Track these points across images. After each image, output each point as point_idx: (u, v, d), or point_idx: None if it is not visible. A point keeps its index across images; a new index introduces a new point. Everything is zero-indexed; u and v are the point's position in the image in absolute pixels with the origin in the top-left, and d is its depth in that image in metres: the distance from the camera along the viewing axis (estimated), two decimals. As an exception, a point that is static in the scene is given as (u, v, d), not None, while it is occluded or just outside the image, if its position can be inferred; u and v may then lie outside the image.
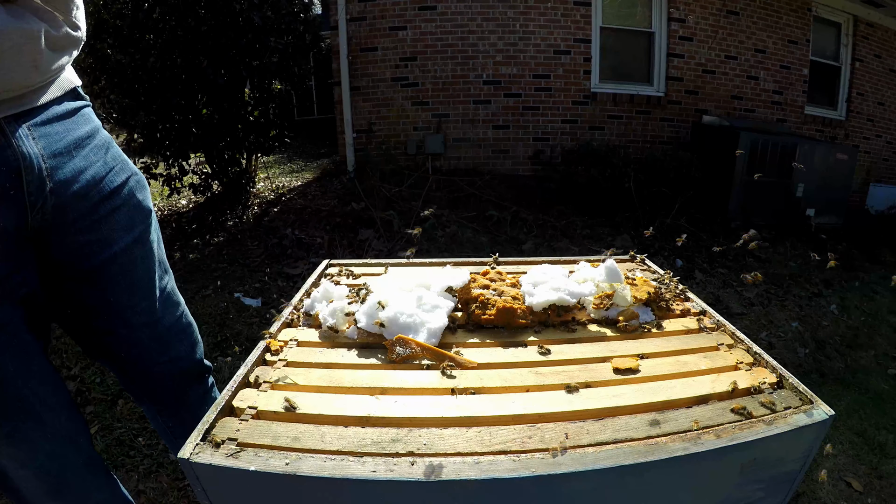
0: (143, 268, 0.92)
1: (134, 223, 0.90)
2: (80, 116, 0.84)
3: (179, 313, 1.01)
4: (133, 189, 0.90)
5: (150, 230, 0.94)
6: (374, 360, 0.82)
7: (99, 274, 0.86)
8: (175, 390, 1.02)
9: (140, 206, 0.91)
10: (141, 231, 0.91)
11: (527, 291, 0.96)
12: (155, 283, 0.94)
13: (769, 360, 0.81)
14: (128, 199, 0.89)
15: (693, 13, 5.08)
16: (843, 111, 6.03)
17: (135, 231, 0.90)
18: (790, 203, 4.75)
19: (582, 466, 0.60)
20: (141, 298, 0.92)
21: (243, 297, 2.83)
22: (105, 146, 0.87)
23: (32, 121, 0.74)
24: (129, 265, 0.89)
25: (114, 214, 0.86)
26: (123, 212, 0.88)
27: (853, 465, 1.83)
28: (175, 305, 1.00)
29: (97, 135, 0.86)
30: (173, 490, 1.55)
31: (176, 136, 3.82)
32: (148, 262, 0.93)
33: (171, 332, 0.98)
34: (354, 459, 0.61)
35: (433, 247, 3.56)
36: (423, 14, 4.78)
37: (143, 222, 0.92)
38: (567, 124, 5.10)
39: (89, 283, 0.85)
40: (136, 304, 0.91)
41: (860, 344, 2.82)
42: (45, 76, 0.75)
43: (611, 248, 1.22)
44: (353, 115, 5.00)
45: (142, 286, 0.92)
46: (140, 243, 0.91)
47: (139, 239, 0.91)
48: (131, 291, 0.90)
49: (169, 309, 0.98)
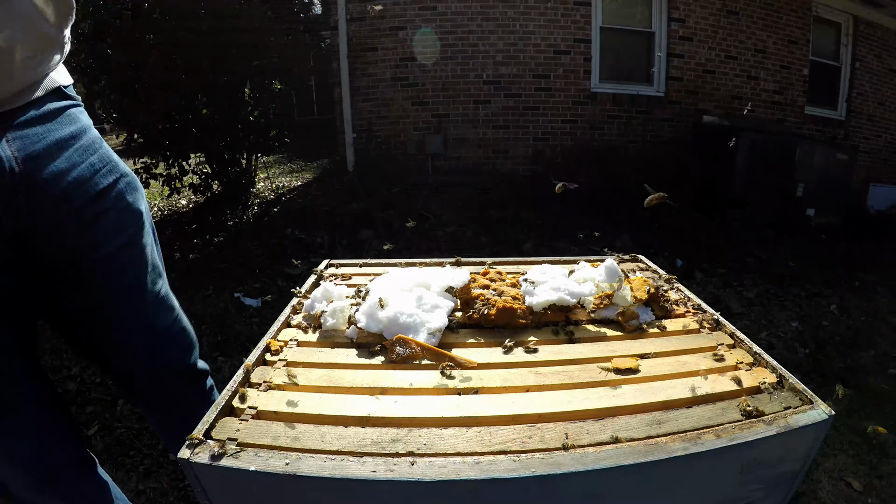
0: (133, 272, 0.89)
1: (124, 226, 0.87)
2: (65, 117, 0.81)
3: (173, 318, 0.98)
4: (122, 191, 0.87)
5: (143, 233, 0.91)
6: (374, 360, 0.81)
7: (85, 278, 0.83)
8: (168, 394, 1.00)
9: (130, 209, 0.88)
10: (132, 234, 0.88)
11: (527, 291, 0.96)
12: (146, 287, 0.92)
13: (769, 360, 0.81)
14: (116, 201, 0.86)
15: (693, 13, 5.08)
16: (843, 111, 6.03)
17: (125, 234, 0.87)
18: (790, 203, 4.75)
19: (582, 466, 0.60)
20: (130, 303, 0.90)
21: (243, 297, 2.83)
22: (92, 147, 0.84)
23: (7, 123, 0.71)
24: (118, 269, 0.87)
25: (101, 218, 0.83)
26: (112, 215, 0.85)
27: (853, 465, 1.83)
28: (169, 310, 0.97)
29: (83, 135, 0.83)
30: (173, 490, 1.55)
31: (176, 136, 3.81)
32: (139, 267, 0.90)
33: (164, 336, 0.96)
34: (354, 459, 0.61)
35: (433, 247, 3.56)
36: (424, 14, 4.78)
37: (135, 225, 0.89)
38: (567, 124, 5.10)
39: (76, 287, 0.83)
40: (124, 309, 0.89)
41: (860, 344, 2.82)
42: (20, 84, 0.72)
43: (611, 248, 1.22)
44: (353, 115, 5.00)
45: (131, 290, 0.89)
46: (130, 246, 0.88)
47: (129, 242, 0.88)
48: (120, 296, 0.88)
49: (162, 313, 0.96)
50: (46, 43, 0.74)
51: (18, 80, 0.72)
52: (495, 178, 4.83)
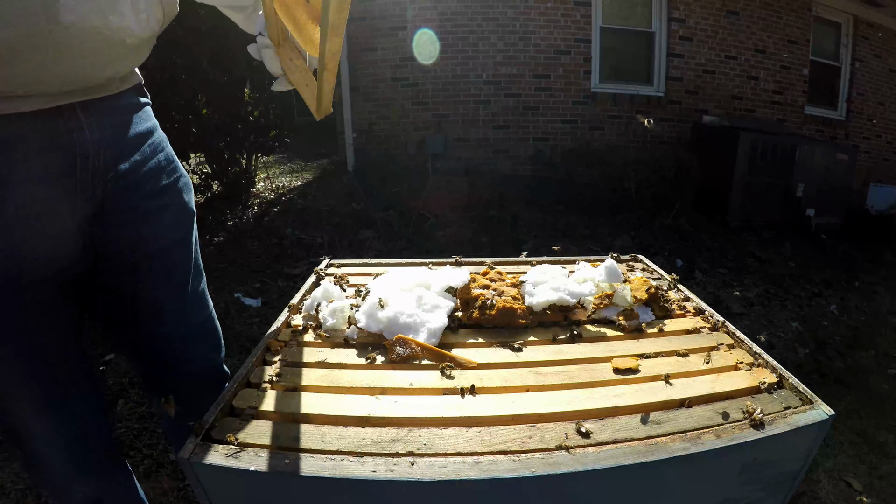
0: (182, 267, 0.93)
1: (179, 223, 0.91)
2: (143, 112, 0.86)
3: (206, 315, 1.02)
4: (181, 190, 0.92)
5: (193, 231, 0.96)
6: (375, 360, 0.81)
7: (140, 267, 0.87)
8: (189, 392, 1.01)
9: (186, 207, 0.93)
10: (184, 232, 0.93)
11: (527, 291, 0.96)
12: (189, 283, 0.96)
13: (769, 360, 0.81)
14: (175, 198, 0.91)
15: (693, 13, 5.08)
16: (843, 111, 6.03)
17: (179, 230, 0.92)
18: (790, 203, 4.75)
19: (582, 466, 0.60)
20: (174, 296, 0.93)
21: (243, 297, 2.83)
22: (161, 145, 0.89)
23: (99, 110, 0.75)
24: (170, 263, 0.91)
25: (162, 212, 0.87)
26: (171, 210, 0.89)
27: (853, 465, 1.83)
28: (204, 307, 1.02)
29: (156, 132, 0.89)
30: (173, 490, 1.55)
31: (176, 136, 3.81)
32: (187, 263, 0.94)
33: (197, 332, 1.00)
34: (354, 459, 0.61)
35: (433, 247, 3.56)
36: (423, 14, 4.78)
37: (188, 223, 0.94)
38: (567, 124, 5.10)
39: (128, 274, 0.87)
40: (168, 301, 0.93)
41: (860, 344, 2.82)
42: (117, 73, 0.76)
43: (611, 248, 1.22)
44: (353, 115, 5.00)
45: (177, 285, 0.93)
46: (182, 243, 0.92)
47: (182, 239, 0.92)
48: (167, 289, 0.91)
49: (198, 310, 0.99)
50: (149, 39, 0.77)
51: (118, 68, 0.76)
52: (495, 178, 4.83)
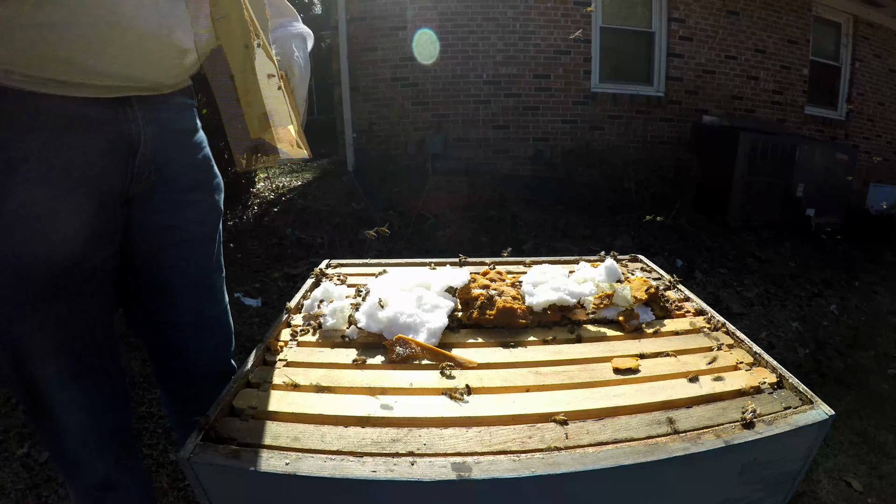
0: (203, 262, 0.99)
1: (207, 219, 0.97)
2: (190, 113, 0.94)
3: (220, 310, 1.06)
4: (214, 188, 0.99)
5: (219, 229, 1.03)
6: (375, 360, 0.82)
7: (163, 254, 0.92)
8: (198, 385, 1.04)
9: (215, 205, 0.99)
10: (210, 228, 0.98)
11: (527, 291, 0.96)
12: (209, 276, 1.01)
13: (769, 360, 0.81)
14: (207, 195, 0.97)
15: (693, 13, 5.08)
16: (843, 111, 6.03)
17: (207, 225, 0.97)
18: (790, 203, 4.75)
19: (582, 466, 0.60)
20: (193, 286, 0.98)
21: (243, 297, 2.83)
22: (202, 144, 0.96)
23: (154, 105, 0.82)
24: (192, 255, 0.96)
25: (194, 206, 0.94)
26: (202, 206, 0.96)
27: (853, 465, 1.83)
28: (219, 302, 1.06)
29: (198, 132, 0.96)
30: (173, 490, 1.55)
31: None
32: (208, 258, 1.00)
33: (211, 323, 1.04)
34: (354, 459, 0.61)
35: (433, 247, 3.56)
36: (423, 14, 4.78)
37: (215, 221, 1.00)
38: (567, 124, 5.10)
39: (155, 261, 0.92)
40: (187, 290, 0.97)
41: (860, 344, 2.82)
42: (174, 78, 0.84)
43: (611, 248, 1.22)
44: (353, 115, 5.00)
45: (194, 276, 0.98)
46: (208, 238, 0.98)
47: (208, 234, 0.98)
48: (184, 278, 0.96)
49: (212, 304, 1.03)
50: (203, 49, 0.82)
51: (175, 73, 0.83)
52: (495, 178, 4.83)
